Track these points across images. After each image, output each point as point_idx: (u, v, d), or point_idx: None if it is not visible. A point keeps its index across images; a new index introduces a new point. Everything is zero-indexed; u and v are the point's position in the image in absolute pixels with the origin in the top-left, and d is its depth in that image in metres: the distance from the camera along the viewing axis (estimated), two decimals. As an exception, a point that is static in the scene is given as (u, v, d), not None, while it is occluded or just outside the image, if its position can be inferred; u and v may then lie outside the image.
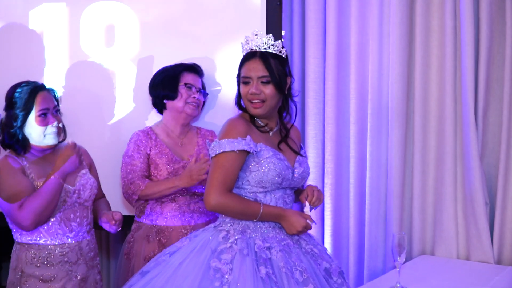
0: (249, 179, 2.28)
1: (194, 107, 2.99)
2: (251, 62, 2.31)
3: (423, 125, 3.20)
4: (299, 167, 2.37)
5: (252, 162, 2.27)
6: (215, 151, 2.25)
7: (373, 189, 3.32)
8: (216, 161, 2.24)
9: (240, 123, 2.27)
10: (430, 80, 3.19)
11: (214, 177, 2.22)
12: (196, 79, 3.02)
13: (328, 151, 3.43)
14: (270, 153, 2.28)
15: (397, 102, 3.20)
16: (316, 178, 3.47)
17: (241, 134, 2.24)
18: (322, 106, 3.47)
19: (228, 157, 2.22)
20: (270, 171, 2.26)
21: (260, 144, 2.28)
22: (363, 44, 3.34)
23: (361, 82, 3.35)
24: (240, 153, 2.22)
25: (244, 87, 2.32)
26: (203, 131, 3.13)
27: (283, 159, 2.31)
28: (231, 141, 2.22)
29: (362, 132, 3.37)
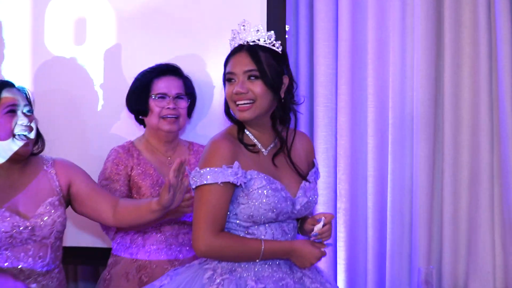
0: (237, 212, 2.29)
1: (172, 121, 3.00)
2: (236, 56, 2.31)
3: (454, 137, 3.23)
4: (303, 196, 2.36)
5: (241, 193, 2.27)
6: (196, 182, 2.25)
7: (395, 215, 3.34)
8: (200, 196, 2.24)
9: (225, 145, 2.26)
10: (462, 84, 3.23)
11: (200, 216, 2.23)
12: (171, 83, 3.03)
13: (342, 169, 3.43)
14: (263, 182, 2.26)
15: (423, 110, 3.23)
16: (327, 201, 3.47)
17: (226, 160, 2.23)
18: (334, 115, 3.48)
19: (213, 191, 2.22)
20: (261, 205, 2.26)
21: (250, 172, 2.26)
22: (382, 41, 3.37)
23: (380, 86, 3.38)
24: (225, 185, 2.23)
25: (228, 86, 2.32)
26: (196, 146, 3.15)
27: (280, 189, 2.29)
28: (214, 171, 2.22)
29: (382, 146, 3.38)
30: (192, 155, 3.11)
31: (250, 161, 2.29)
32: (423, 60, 3.23)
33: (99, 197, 2.68)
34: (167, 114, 2.99)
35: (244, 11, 3.20)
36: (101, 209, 2.67)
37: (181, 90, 3.05)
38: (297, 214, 2.36)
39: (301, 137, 2.50)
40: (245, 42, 2.32)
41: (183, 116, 3.05)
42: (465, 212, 3.24)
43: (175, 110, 3.00)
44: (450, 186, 3.24)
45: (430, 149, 3.25)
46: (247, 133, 2.36)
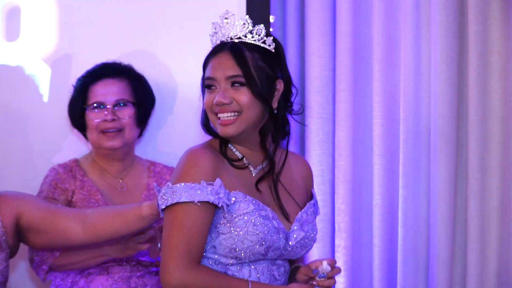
0: (216, 244, 2.27)
1: (113, 135, 3.03)
2: (217, 57, 2.32)
3: (481, 157, 3.22)
4: (299, 230, 2.36)
5: (222, 220, 2.25)
6: (167, 201, 2.23)
7: (407, 255, 3.32)
8: (171, 218, 2.23)
9: (206, 156, 2.26)
10: (491, 90, 3.22)
11: (172, 244, 2.21)
12: (109, 88, 3.06)
13: (341, 197, 3.43)
14: (250, 206, 2.26)
15: (443, 122, 3.23)
16: (323, 237, 3.47)
17: (205, 175, 2.23)
18: (332, 130, 3.49)
19: (188, 212, 2.21)
20: (247, 236, 2.24)
21: (235, 193, 2.26)
22: (391, 36, 3.39)
23: (389, 93, 3.39)
24: (204, 206, 2.21)
25: (207, 94, 2.33)
26: (158, 167, 3.18)
27: (271, 217, 2.29)
28: (190, 187, 2.21)
29: (392, 168, 3.39)
30: (152, 177, 3.13)
31: (235, 180, 2.29)
32: (442, 60, 3.22)
33: (58, 215, 2.66)
34: (105, 128, 3.01)
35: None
36: (65, 227, 2.63)
37: (124, 95, 3.06)
38: (290, 252, 2.34)
39: (298, 160, 2.52)
40: (228, 38, 2.31)
41: (129, 128, 3.05)
42: (495, 250, 3.22)
43: (115, 121, 3.02)
44: (476, 218, 3.21)
45: (451, 172, 3.24)
46: (232, 148, 2.36)
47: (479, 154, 3.22)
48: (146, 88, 3.15)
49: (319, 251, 3.44)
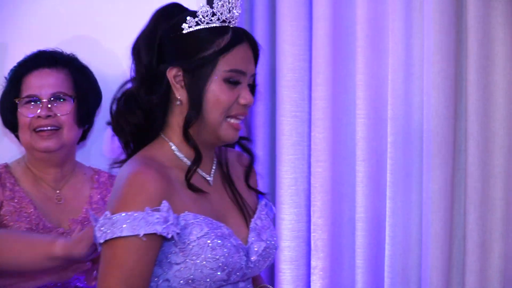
0: (169, 277, 2.27)
1: (48, 135, 3.04)
2: (243, 47, 2.36)
3: (482, 162, 3.22)
4: (258, 240, 2.41)
5: (173, 249, 2.26)
6: (105, 234, 2.22)
7: (396, 278, 3.33)
8: (110, 255, 2.23)
9: (150, 176, 2.25)
10: (493, 85, 3.22)
11: (108, 285, 2.21)
12: (45, 80, 3.06)
13: (318, 211, 3.44)
14: (204, 228, 2.28)
15: (437, 122, 3.23)
16: (297, 257, 3.48)
17: (151, 200, 2.22)
18: (307, 130, 3.51)
19: (130, 248, 2.20)
20: (206, 263, 2.26)
21: (184, 216, 2.27)
22: (378, 21, 3.39)
23: (375, 88, 3.40)
24: (150, 238, 2.21)
25: (228, 90, 2.34)
26: (103, 177, 3.21)
27: (228, 235, 2.32)
28: (133, 217, 2.19)
29: (378, 176, 3.40)
30: (96, 189, 3.17)
31: (185, 197, 2.30)
32: (437, 50, 3.21)
33: None
34: (38, 125, 3.02)
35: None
36: None
37: (62, 88, 3.07)
38: (253, 269, 2.38)
39: (234, 153, 2.57)
40: (234, 24, 2.38)
41: (67, 127, 3.07)
42: (498, 272, 3.21)
43: (50, 118, 3.03)
44: (476, 234, 3.21)
45: (448, 180, 3.24)
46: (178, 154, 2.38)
47: (480, 160, 3.22)
48: (90, 80, 3.17)
49: (292, 274, 3.44)
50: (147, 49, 2.33)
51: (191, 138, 2.33)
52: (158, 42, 2.33)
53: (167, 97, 2.33)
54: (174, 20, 2.34)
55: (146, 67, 2.33)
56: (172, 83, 2.31)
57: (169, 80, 2.30)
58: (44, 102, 3.02)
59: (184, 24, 2.31)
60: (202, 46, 2.30)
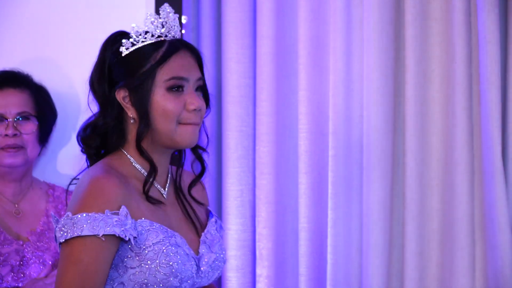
0: (124, 281, 2.26)
1: (14, 152, 3.02)
2: (182, 55, 2.35)
3: (420, 175, 3.23)
4: (209, 252, 2.40)
5: (129, 253, 2.25)
6: (66, 234, 2.20)
7: (338, 285, 3.32)
8: (67, 253, 2.21)
9: (112, 183, 2.25)
10: (430, 100, 3.24)
11: (64, 281, 2.19)
12: (10, 99, 3.06)
13: (263, 221, 3.44)
14: (159, 235, 2.27)
15: (377, 137, 3.24)
16: (242, 266, 3.48)
17: (110, 204, 2.22)
18: (252, 145, 3.50)
19: (88, 247, 2.19)
20: (160, 268, 2.25)
21: (141, 222, 2.26)
22: (319, 39, 3.39)
23: (316, 103, 3.39)
24: (108, 239, 2.20)
25: (173, 98, 2.33)
26: (58, 191, 3.19)
27: (181, 244, 2.31)
28: (93, 218, 2.19)
29: (320, 187, 3.39)
30: (51, 202, 3.14)
31: (142, 205, 2.30)
32: (376, 66, 3.23)
33: None
34: (5, 144, 3.00)
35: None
36: None
37: (26, 108, 3.06)
38: (203, 279, 2.37)
39: (189, 176, 2.54)
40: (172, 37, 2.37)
41: (31, 145, 3.06)
42: (436, 280, 3.24)
43: (16, 137, 3.01)
44: (415, 244, 3.22)
45: (387, 192, 3.25)
46: (136, 166, 2.36)
47: (418, 172, 3.23)
48: (47, 100, 3.14)
49: (238, 282, 3.44)
50: (99, 78, 2.35)
51: (144, 151, 2.32)
52: (107, 70, 2.34)
53: (122, 118, 2.32)
54: (115, 45, 2.34)
55: (101, 96, 2.34)
56: (122, 104, 2.30)
57: (119, 101, 2.30)
58: (10, 121, 3.00)
59: (121, 47, 2.31)
60: (140, 63, 2.31)
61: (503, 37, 3.14)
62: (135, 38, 2.32)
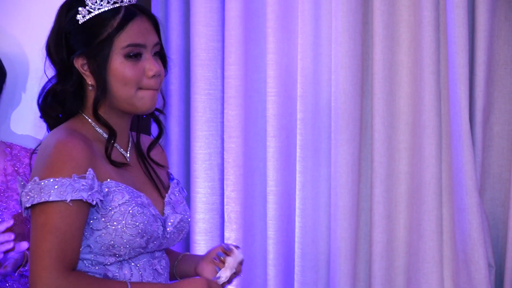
0: (90, 243, 2.25)
1: None
2: (138, 21, 2.32)
3: (387, 138, 3.19)
4: (173, 213, 2.41)
5: (95, 215, 2.24)
6: (33, 199, 2.19)
7: (306, 248, 3.28)
8: (42, 221, 2.19)
9: (78, 147, 2.23)
10: (399, 64, 3.19)
11: (43, 250, 2.16)
12: None
13: (231, 184, 3.41)
14: (125, 196, 2.27)
15: (345, 100, 3.17)
16: (211, 229, 3.45)
17: (78, 167, 2.21)
18: (221, 108, 3.49)
19: (62, 212, 2.17)
20: (126, 229, 2.24)
21: (107, 183, 2.26)
22: (287, 2, 3.34)
23: (285, 66, 3.35)
24: (78, 204, 2.19)
25: (132, 64, 2.31)
26: (16, 149, 3.16)
27: (147, 205, 2.31)
28: (61, 183, 2.17)
29: (288, 151, 3.36)
30: (9, 161, 3.10)
31: (107, 167, 2.30)
32: (345, 30, 3.15)
33: None
34: None
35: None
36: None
37: None
38: (169, 240, 2.39)
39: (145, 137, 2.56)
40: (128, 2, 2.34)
41: None
42: (403, 241, 3.19)
43: None
44: (382, 206, 3.18)
45: (355, 155, 3.20)
46: (98, 130, 2.37)
47: (386, 136, 3.19)
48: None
49: (207, 245, 3.42)
50: (56, 45, 2.33)
51: (101, 117, 2.33)
52: (64, 37, 2.32)
53: (81, 85, 2.32)
54: (71, 12, 2.33)
55: (59, 63, 2.33)
56: (81, 72, 2.30)
57: (78, 69, 2.30)
58: None
59: (78, 15, 2.29)
60: (97, 31, 2.29)
61: (471, 2, 3.08)
62: (91, 6, 2.31)
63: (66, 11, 2.33)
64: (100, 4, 2.30)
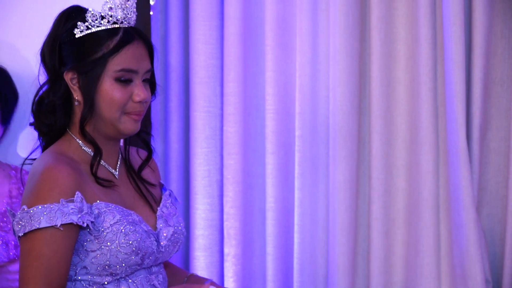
0: (86, 264, 2.23)
1: None
2: (134, 46, 2.29)
3: (385, 155, 3.18)
4: (166, 226, 2.38)
5: (88, 237, 2.22)
6: (24, 228, 2.17)
7: (305, 263, 3.28)
8: (29, 248, 2.18)
9: (63, 171, 2.21)
10: (396, 81, 3.18)
11: (28, 277, 2.16)
12: None
13: (230, 201, 3.40)
14: (116, 216, 2.25)
15: (342, 117, 3.18)
16: (210, 245, 3.44)
17: (65, 192, 2.19)
18: (219, 125, 3.46)
19: (48, 239, 2.17)
20: (120, 248, 2.23)
21: (97, 205, 2.24)
22: (286, 20, 3.33)
23: (283, 83, 3.34)
24: (67, 228, 2.17)
25: (120, 88, 2.28)
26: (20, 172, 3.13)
27: (139, 222, 2.29)
28: (50, 209, 2.16)
29: (286, 167, 3.35)
30: (14, 184, 3.11)
31: (95, 188, 2.28)
32: (342, 47, 3.16)
33: None
34: None
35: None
36: None
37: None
38: (164, 253, 2.37)
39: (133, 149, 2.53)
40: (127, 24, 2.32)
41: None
42: (401, 257, 3.19)
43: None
44: (380, 222, 3.17)
45: (353, 172, 3.19)
46: (85, 149, 2.33)
47: (383, 152, 3.18)
48: (9, 82, 3.09)
49: (206, 261, 3.41)
50: (50, 53, 2.29)
51: (87, 134, 2.30)
52: (58, 46, 2.29)
53: (68, 98, 2.28)
54: (69, 24, 2.30)
55: (51, 71, 2.29)
56: (69, 85, 2.26)
57: (67, 82, 2.26)
58: None
59: (76, 29, 2.26)
60: (92, 49, 2.27)
61: (467, 20, 3.09)
62: (90, 22, 2.27)
63: (64, 20, 2.30)
64: (100, 23, 2.28)
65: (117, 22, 2.29)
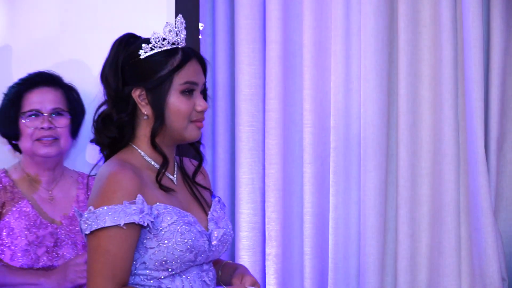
0: (145, 260, 2.27)
1: (48, 143, 2.99)
2: (193, 62, 2.38)
3: (411, 165, 3.22)
4: (216, 228, 2.40)
5: (148, 235, 2.27)
6: (91, 226, 2.22)
7: (339, 263, 3.32)
8: (95, 245, 2.23)
9: (127, 175, 2.26)
10: (420, 98, 3.23)
11: (96, 271, 2.22)
12: (46, 96, 3.03)
13: (272, 206, 3.41)
14: (174, 216, 2.28)
15: (372, 131, 3.22)
16: (253, 246, 3.45)
17: (128, 195, 2.24)
18: (262, 138, 3.47)
19: (113, 237, 2.21)
20: (176, 245, 2.26)
21: (156, 206, 2.28)
22: (322, 44, 3.37)
23: (319, 100, 3.37)
24: (129, 227, 2.22)
25: (185, 100, 2.35)
26: (86, 178, 3.14)
27: (193, 223, 2.32)
28: (114, 210, 2.21)
29: (322, 176, 3.38)
30: (81, 190, 3.10)
31: (155, 190, 2.32)
32: (372, 68, 3.21)
33: None
34: (41, 136, 2.96)
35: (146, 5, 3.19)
36: None
37: (60, 104, 3.03)
38: (214, 252, 2.39)
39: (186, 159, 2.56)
40: (182, 45, 2.39)
41: (64, 137, 3.02)
42: (425, 257, 3.23)
43: (51, 130, 2.98)
44: (407, 226, 3.22)
45: (382, 180, 3.24)
46: (147, 158, 2.38)
47: (409, 163, 3.22)
48: (77, 98, 3.11)
49: (250, 260, 3.41)
50: (113, 75, 2.34)
51: (158, 146, 2.34)
52: (121, 68, 2.33)
53: (134, 114, 2.33)
54: (131, 48, 2.34)
55: (115, 91, 2.33)
56: (137, 102, 2.31)
57: (135, 99, 2.31)
58: (46, 116, 2.98)
59: (141, 50, 2.32)
60: (158, 67, 2.32)
61: (486, 43, 3.15)
62: (154, 44, 2.33)
63: (124, 45, 2.36)
64: (162, 44, 2.33)
65: (175, 43, 2.35)
